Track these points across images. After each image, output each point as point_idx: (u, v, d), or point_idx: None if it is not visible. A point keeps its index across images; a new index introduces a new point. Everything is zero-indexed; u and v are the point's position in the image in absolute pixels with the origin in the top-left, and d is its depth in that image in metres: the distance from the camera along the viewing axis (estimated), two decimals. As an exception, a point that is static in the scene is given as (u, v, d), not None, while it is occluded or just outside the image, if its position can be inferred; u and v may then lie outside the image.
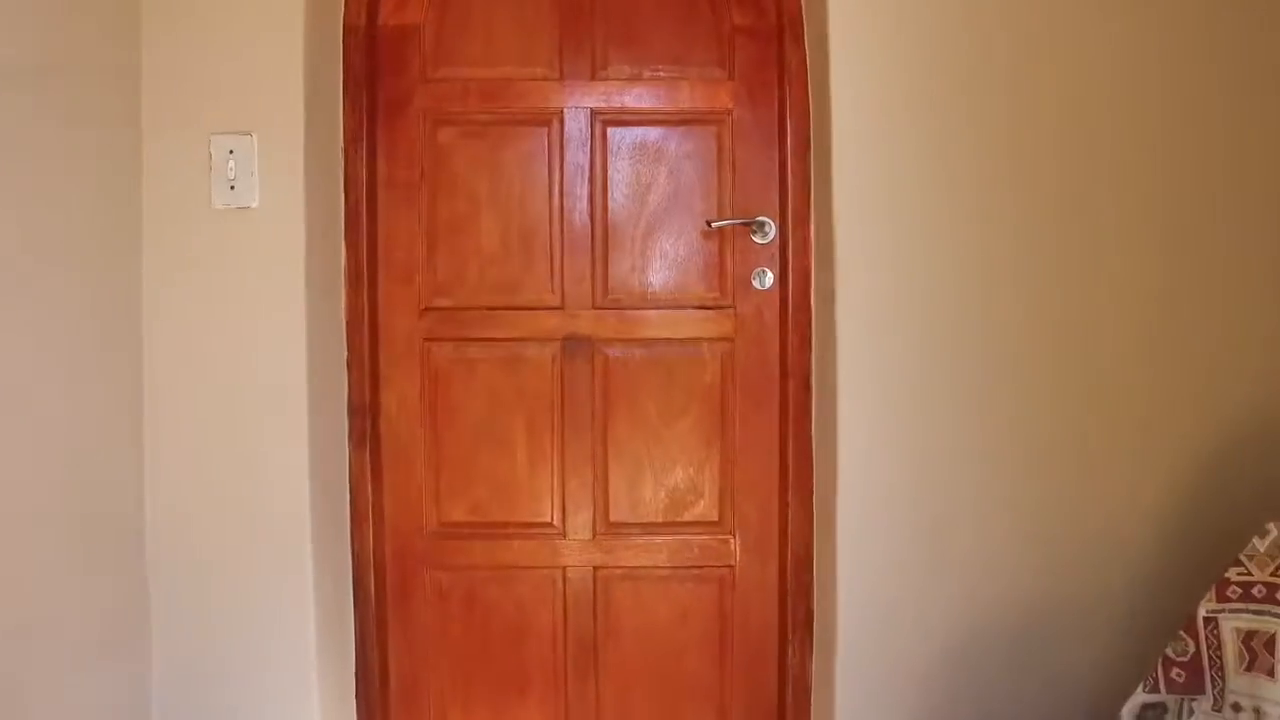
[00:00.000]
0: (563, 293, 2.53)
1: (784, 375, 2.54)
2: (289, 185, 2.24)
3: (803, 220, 2.47)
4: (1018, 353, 2.33)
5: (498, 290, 2.52)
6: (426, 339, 2.52)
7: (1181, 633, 1.87)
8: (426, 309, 2.52)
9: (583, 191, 2.52)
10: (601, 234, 2.53)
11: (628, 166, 2.53)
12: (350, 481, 2.47)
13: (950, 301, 2.31)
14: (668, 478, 2.57)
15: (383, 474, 2.53)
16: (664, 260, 2.55)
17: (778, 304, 2.52)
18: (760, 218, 2.52)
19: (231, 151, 2.22)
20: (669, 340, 2.53)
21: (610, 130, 2.53)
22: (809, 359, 2.48)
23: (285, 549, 2.28)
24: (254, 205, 2.23)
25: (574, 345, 2.52)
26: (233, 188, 2.22)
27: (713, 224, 2.53)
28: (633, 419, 2.55)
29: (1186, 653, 1.86)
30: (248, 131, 2.23)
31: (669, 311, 2.54)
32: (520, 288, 2.52)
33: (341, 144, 2.42)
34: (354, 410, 2.47)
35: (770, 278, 2.53)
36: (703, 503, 2.57)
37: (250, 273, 2.25)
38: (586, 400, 2.53)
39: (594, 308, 2.53)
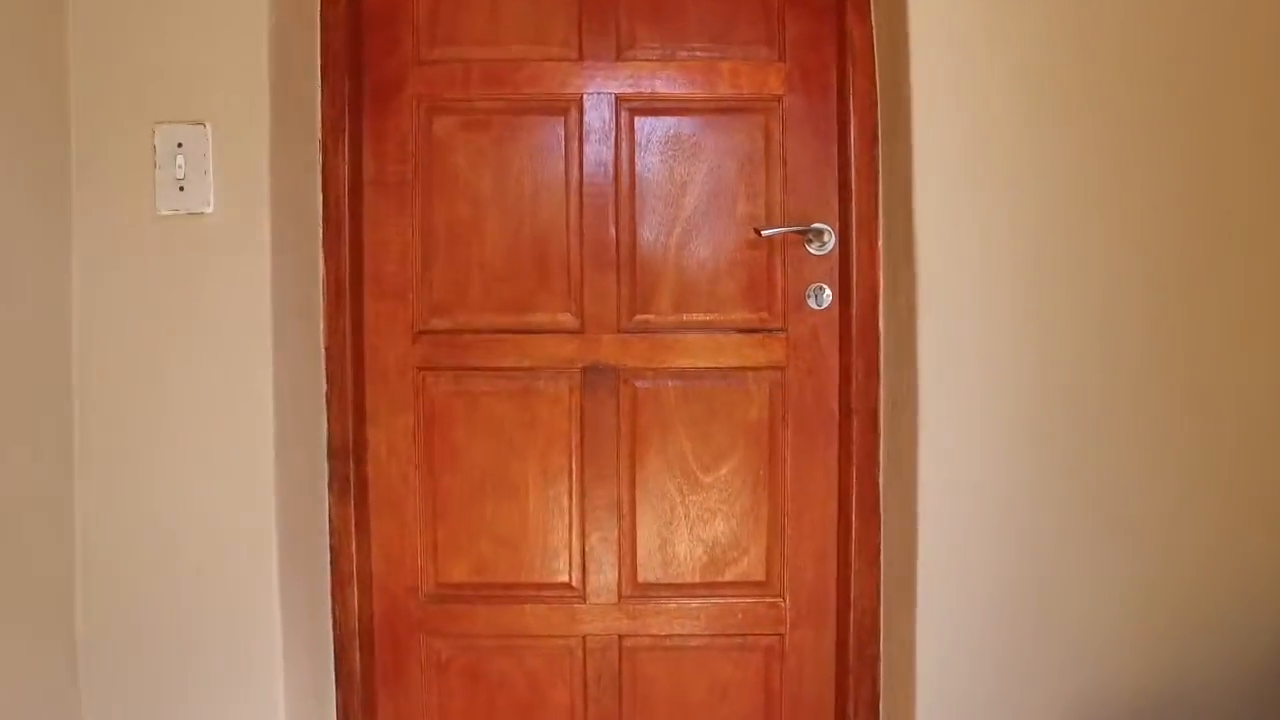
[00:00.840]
0: (582, 313, 2.25)
1: (845, 411, 2.22)
2: (252, 185, 1.90)
3: (869, 228, 2.15)
4: (1144, 389, 1.97)
5: (505, 310, 2.25)
6: (421, 368, 2.25)
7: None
8: (421, 332, 2.25)
9: (606, 192, 2.24)
10: (628, 243, 2.25)
11: (659, 163, 2.25)
12: (331, 538, 2.20)
13: (1061, 328, 1.95)
14: (706, 531, 2.29)
15: (370, 528, 2.27)
16: (702, 274, 2.26)
17: (838, 327, 2.24)
18: (817, 224, 2.22)
19: (181, 145, 1.88)
20: (708, 369, 2.26)
21: (638, 120, 2.25)
22: (877, 392, 2.16)
23: (249, 619, 1.95)
24: (208, 210, 1.90)
25: (596, 375, 2.25)
26: (182, 189, 1.88)
27: (762, 232, 2.22)
28: (665, 462, 2.28)
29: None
30: (200, 120, 1.89)
31: (708, 335, 2.26)
32: (532, 307, 2.25)
33: (319, 136, 2.14)
34: (334, 453, 2.19)
35: (829, 295, 2.23)
36: (747, 560, 2.29)
37: (204, 291, 1.91)
38: (610, 440, 2.26)
39: (619, 331, 2.25)
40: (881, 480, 2.16)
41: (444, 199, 2.24)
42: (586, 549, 2.28)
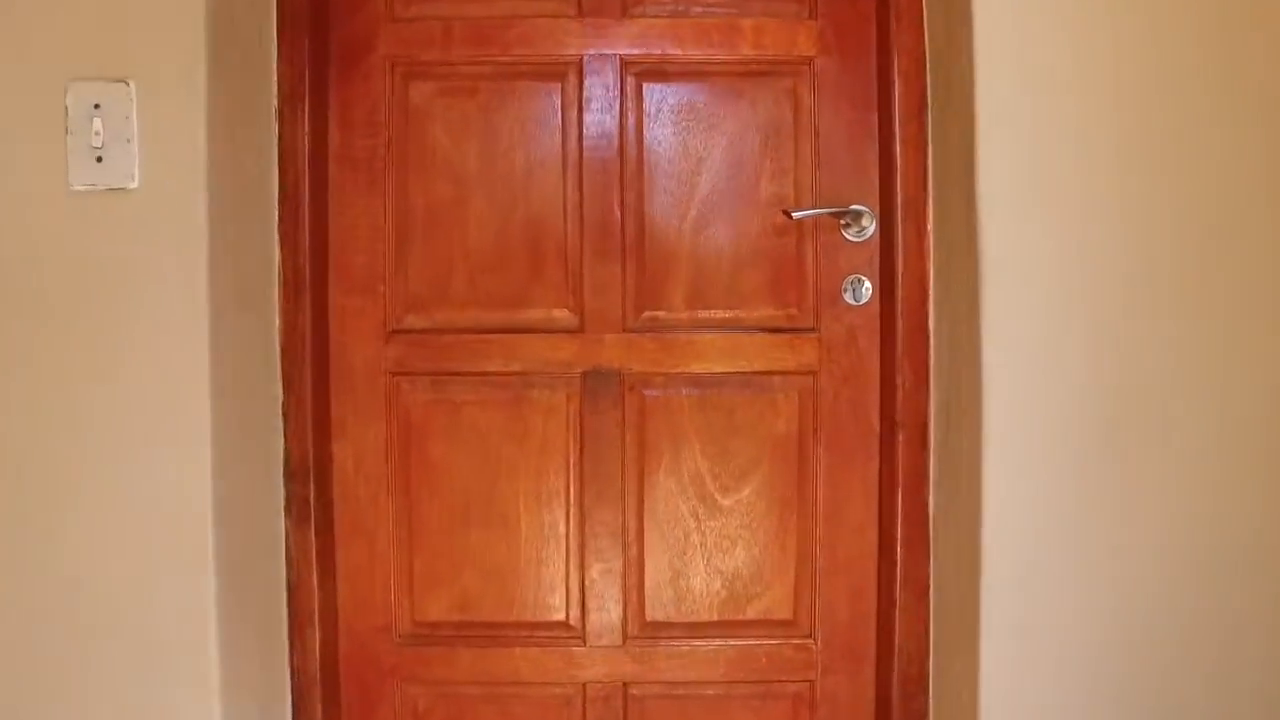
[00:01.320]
0: (581, 309, 2.07)
1: (888, 424, 2.02)
2: (186, 156, 1.65)
3: (916, 209, 1.94)
4: (1243, 398, 1.71)
5: (492, 306, 2.07)
6: (395, 372, 2.07)
7: None
8: (395, 331, 2.06)
9: (609, 169, 2.05)
10: (635, 228, 2.06)
11: (670, 135, 2.06)
12: (288, 570, 2.00)
13: (1151, 326, 1.70)
14: (725, 561, 2.10)
15: (334, 558, 2.08)
16: (721, 264, 2.07)
17: (879, 325, 2.04)
18: (855, 206, 2.02)
19: (98, 106, 1.62)
20: (728, 375, 2.07)
21: (647, 86, 2.06)
22: (926, 402, 1.95)
23: (178, 670, 1.70)
24: (132, 185, 1.64)
25: (597, 381, 2.06)
26: (100, 159, 1.63)
27: (792, 215, 2.01)
28: (677, 482, 2.09)
29: None
30: (123, 77, 1.63)
31: (727, 335, 2.07)
32: (523, 302, 2.07)
33: (274, 103, 1.93)
34: (292, 472, 1.98)
35: (869, 289, 2.04)
36: (772, 595, 2.10)
37: (127, 282, 1.65)
38: (614, 456, 2.08)
39: (625, 330, 2.07)
40: (932, 504, 1.95)
41: (421, 177, 2.05)
42: (586, 582, 2.09)
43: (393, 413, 2.06)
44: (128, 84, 1.62)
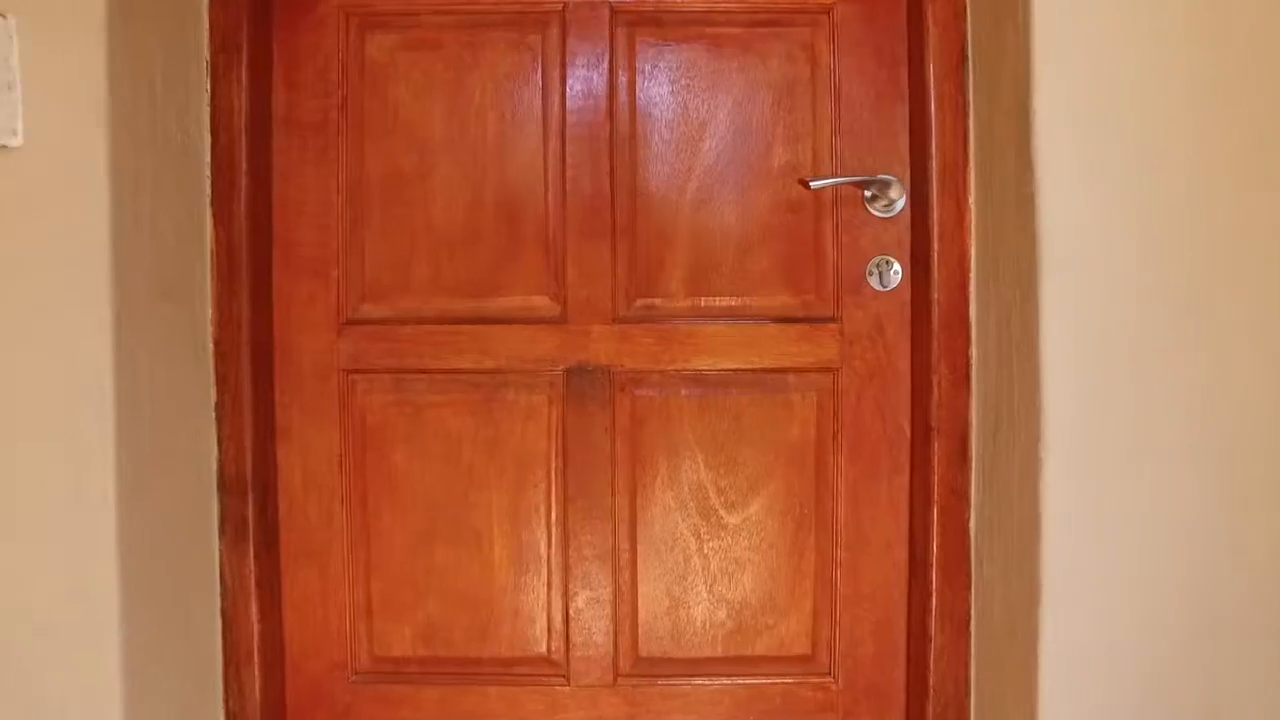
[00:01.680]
0: (564, 296, 1.92)
1: (922, 430, 1.85)
2: (83, 108, 1.43)
3: (955, 178, 1.77)
4: None
5: (462, 292, 1.93)
6: (349, 370, 1.92)
7: None
8: (349, 322, 1.91)
9: (598, 135, 1.90)
10: (627, 203, 1.91)
11: (668, 95, 1.91)
12: (223, 600, 1.82)
13: (1262, 316, 1.48)
14: (731, 588, 1.94)
15: (280, 585, 1.92)
16: (727, 243, 1.92)
17: (910, 314, 1.90)
18: (882, 176, 1.86)
19: None
20: (735, 372, 1.93)
21: (641, 40, 1.91)
22: (967, 404, 1.77)
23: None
24: (14, 143, 1.42)
25: (583, 380, 1.91)
26: None
27: (810, 184, 1.83)
28: (676, 497, 1.94)
29: None
30: None
31: (734, 325, 1.92)
32: (497, 288, 1.92)
33: (206, 54, 1.75)
34: (228, 484, 1.81)
35: (898, 272, 1.88)
36: (785, 626, 1.95)
37: (8, 261, 1.45)
38: (603, 467, 1.94)
39: (614, 321, 1.93)
40: (973, 524, 1.77)
41: (380, 144, 1.91)
42: (571, 612, 1.93)
43: (347, 416, 1.92)
44: (5, 18, 1.39)
